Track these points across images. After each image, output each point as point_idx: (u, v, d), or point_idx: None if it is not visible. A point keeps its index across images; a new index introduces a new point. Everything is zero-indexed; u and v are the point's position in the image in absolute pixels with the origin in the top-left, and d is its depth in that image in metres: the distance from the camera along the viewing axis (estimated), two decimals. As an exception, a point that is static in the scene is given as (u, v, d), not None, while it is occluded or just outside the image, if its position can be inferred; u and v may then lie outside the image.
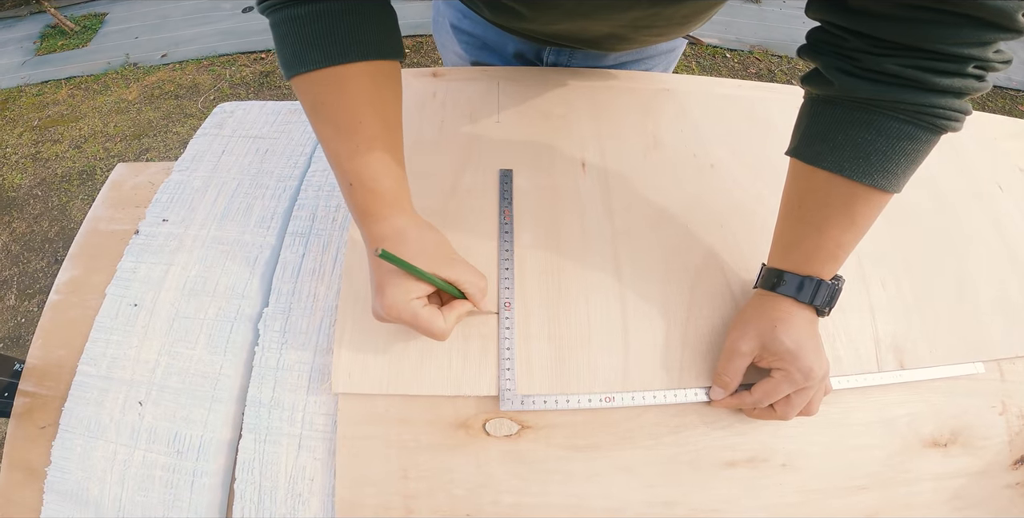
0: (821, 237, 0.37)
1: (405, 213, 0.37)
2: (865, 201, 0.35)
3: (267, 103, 0.61)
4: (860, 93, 0.32)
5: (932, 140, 0.33)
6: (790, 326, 0.37)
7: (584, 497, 0.38)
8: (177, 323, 0.44)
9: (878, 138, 0.33)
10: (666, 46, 0.64)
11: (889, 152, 0.33)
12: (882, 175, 0.33)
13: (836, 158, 0.34)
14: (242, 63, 2.33)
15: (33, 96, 2.31)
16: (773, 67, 2.18)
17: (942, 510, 0.39)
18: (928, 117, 0.31)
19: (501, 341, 0.40)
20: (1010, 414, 0.43)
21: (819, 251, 0.37)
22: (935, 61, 0.30)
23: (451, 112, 0.54)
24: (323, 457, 0.39)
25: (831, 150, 0.34)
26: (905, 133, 0.32)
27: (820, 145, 0.35)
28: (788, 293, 0.38)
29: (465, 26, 0.62)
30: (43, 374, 0.45)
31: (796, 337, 0.37)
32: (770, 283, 0.39)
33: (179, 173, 0.54)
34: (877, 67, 0.31)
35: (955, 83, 0.30)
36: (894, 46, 0.30)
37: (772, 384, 0.37)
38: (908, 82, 0.30)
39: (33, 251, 1.74)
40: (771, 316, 0.38)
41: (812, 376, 0.36)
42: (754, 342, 0.38)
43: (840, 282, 0.39)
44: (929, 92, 0.31)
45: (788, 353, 0.36)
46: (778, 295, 0.38)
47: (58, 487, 0.40)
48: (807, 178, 0.36)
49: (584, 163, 0.51)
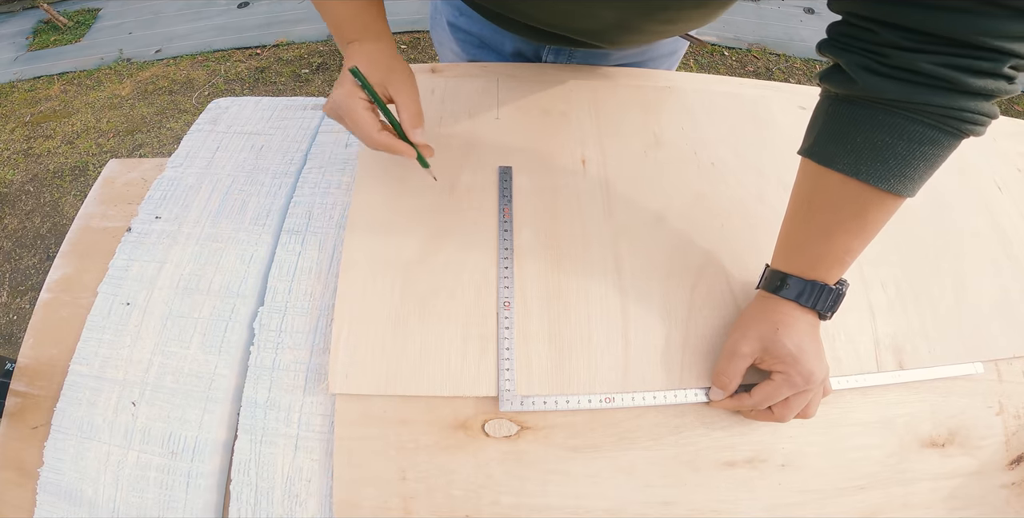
0: (829, 242, 0.36)
1: (367, 39, 0.42)
2: (879, 206, 0.34)
3: (262, 99, 0.60)
4: (888, 94, 0.30)
5: (953, 144, 0.31)
6: (792, 329, 0.37)
7: (583, 498, 0.37)
8: (171, 322, 0.44)
9: (898, 141, 0.31)
10: (667, 49, 0.63)
11: (908, 156, 0.31)
12: (899, 180, 0.32)
13: (852, 160, 0.33)
14: (237, 58, 2.31)
15: (25, 91, 2.28)
16: (771, 65, 2.18)
17: (939, 510, 0.40)
18: (954, 121, 0.30)
19: (500, 341, 0.40)
20: (1007, 414, 0.43)
21: (826, 256, 0.36)
22: (972, 58, 0.28)
23: (450, 109, 0.54)
24: (320, 458, 0.38)
25: (847, 152, 0.33)
26: (928, 137, 0.31)
27: (836, 146, 0.34)
28: (791, 297, 0.37)
29: (462, 24, 0.61)
30: (35, 374, 0.44)
31: (798, 340, 0.36)
32: (773, 286, 0.38)
33: (173, 169, 0.54)
34: (908, 65, 0.29)
35: (988, 85, 0.28)
36: (929, 39, 0.28)
37: (772, 387, 0.37)
38: (940, 82, 0.29)
39: (25, 247, 1.73)
40: (773, 319, 0.37)
41: (812, 380, 0.36)
42: (755, 344, 0.37)
43: (844, 287, 0.38)
44: (960, 94, 0.29)
45: (789, 356, 0.36)
46: (780, 298, 0.38)
47: (52, 488, 0.39)
48: (819, 179, 0.35)
49: (584, 161, 0.51)
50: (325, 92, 2.11)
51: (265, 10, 2.54)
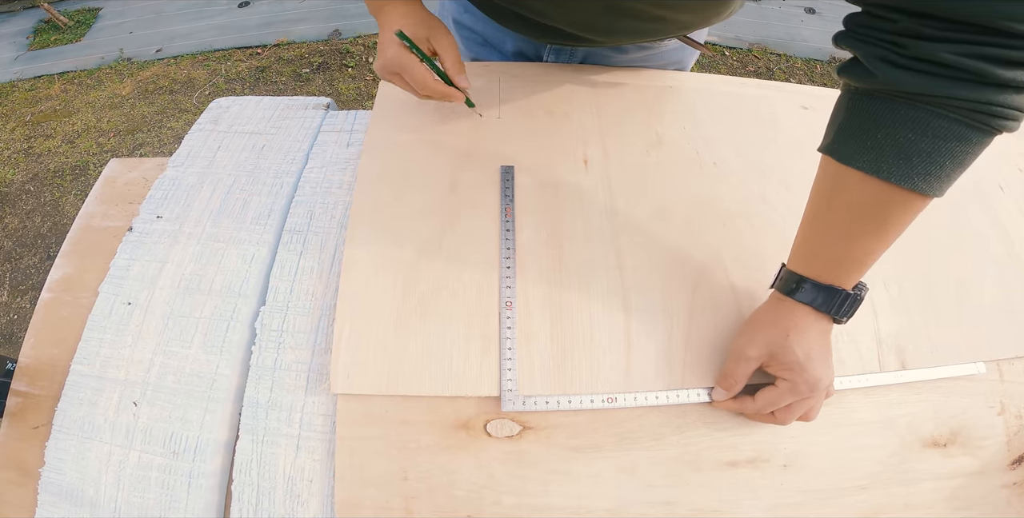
0: (850, 245, 0.34)
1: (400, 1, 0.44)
2: (902, 206, 0.31)
3: (263, 98, 0.60)
4: (907, 87, 0.28)
5: (984, 142, 0.29)
6: (803, 336, 0.35)
7: (585, 498, 0.37)
8: (172, 322, 0.44)
9: (922, 138, 0.29)
10: (673, 57, 0.61)
11: (934, 154, 0.29)
12: (924, 178, 0.30)
13: (873, 158, 0.30)
14: (238, 58, 2.31)
15: (26, 91, 2.28)
16: (772, 65, 2.18)
17: (941, 510, 0.39)
18: (983, 116, 0.27)
19: (503, 341, 0.40)
20: (1008, 414, 0.43)
21: (845, 259, 0.34)
22: (1000, 47, 0.25)
23: (452, 108, 0.54)
24: (322, 458, 0.38)
25: (868, 149, 0.31)
26: (954, 133, 0.28)
27: (856, 143, 0.31)
28: (805, 301, 0.35)
29: (466, 21, 0.61)
30: (36, 373, 0.44)
31: (807, 347, 0.35)
32: (788, 288, 0.37)
33: (174, 169, 0.54)
34: (929, 56, 0.27)
35: (1019, 76, 0.26)
36: (952, 26, 0.26)
37: (776, 393, 0.36)
38: (965, 74, 0.26)
39: (25, 247, 1.73)
40: (784, 324, 0.36)
41: (818, 387, 0.35)
42: (763, 349, 0.36)
43: (863, 291, 0.36)
44: (988, 87, 0.26)
45: (797, 364, 0.35)
46: (795, 302, 0.36)
47: (53, 488, 0.39)
48: (839, 178, 0.33)
49: (586, 160, 0.51)
50: (326, 91, 2.11)
51: (266, 10, 2.54)
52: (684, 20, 0.49)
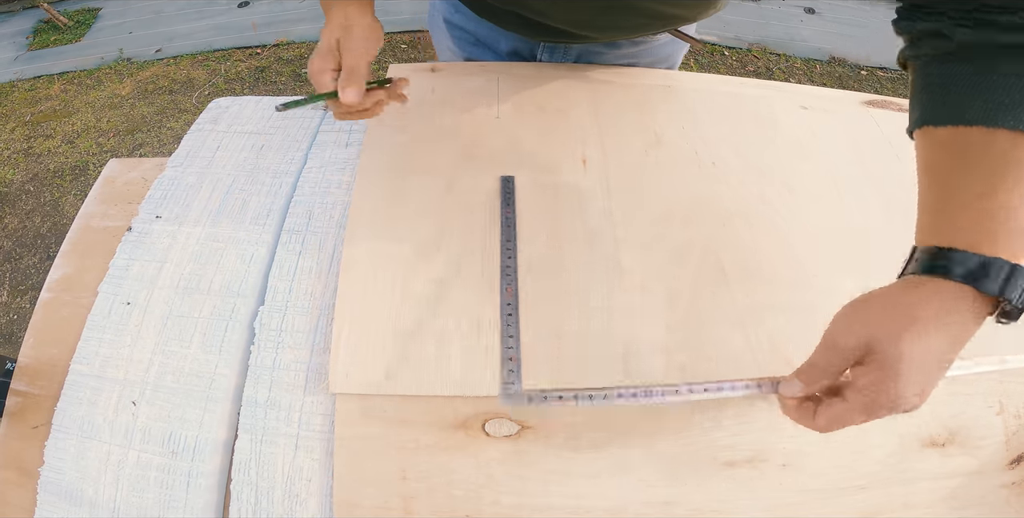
0: (995, 198, 0.26)
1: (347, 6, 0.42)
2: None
3: (263, 98, 0.60)
4: (997, 39, 0.27)
5: None
6: (929, 333, 0.26)
7: (584, 498, 0.37)
8: (171, 322, 0.44)
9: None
10: (663, 52, 0.61)
11: None
12: None
13: (990, 108, 0.27)
14: (237, 58, 2.30)
15: (25, 91, 2.27)
16: (771, 65, 2.18)
17: (940, 509, 0.39)
18: None
19: (503, 339, 0.40)
20: (1007, 414, 0.43)
21: (998, 214, 0.26)
22: None
23: (449, 108, 0.54)
24: (321, 458, 0.38)
25: (985, 104, 0.27)
26: None
27: (969, 100, 0.28)
28: (960, 277, 0.26)
29: (457, 20, 0.61)
30: (35, 373, 0.44)
31: (925, 349, 0.26)
32: (928, 265, 0.28)
33: (173, 169, 0.54)
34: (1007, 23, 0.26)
35: None
36: None
37: (846, 411, 0.28)
38: None
39: (25, 247, 1.73)
40: (911, 313, 0.27)
41: (898, 406, 0.27)
42: (862, 339, 0.28)
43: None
44: None
45: (892, 367, 0.26)
46: (943, 282, 0.27)
47: (52, 487, 0.39)
48: (956, 142, 0.28)
49: (585, 160, 0.51)
50: (325, 92, 2.10)
51: (265, 10, 2.54)
52: (679, 14, 0.49)
